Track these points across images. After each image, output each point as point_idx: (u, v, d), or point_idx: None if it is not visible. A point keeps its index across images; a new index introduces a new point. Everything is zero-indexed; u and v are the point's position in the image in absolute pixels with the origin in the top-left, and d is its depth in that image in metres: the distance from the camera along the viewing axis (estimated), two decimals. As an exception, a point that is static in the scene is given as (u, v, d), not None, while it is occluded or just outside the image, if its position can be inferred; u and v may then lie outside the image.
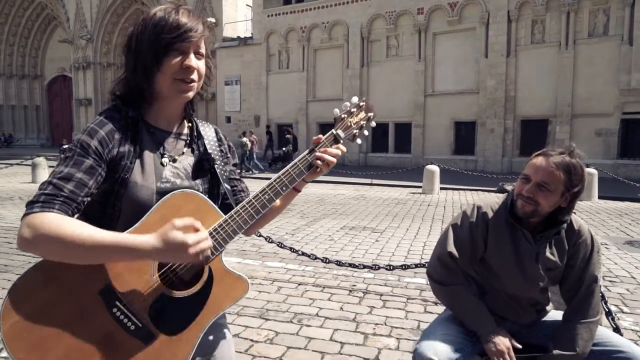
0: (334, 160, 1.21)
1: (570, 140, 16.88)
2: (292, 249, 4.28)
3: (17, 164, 16.86)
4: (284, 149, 19.40)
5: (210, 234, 1.06)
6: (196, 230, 0.98)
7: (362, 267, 3.99)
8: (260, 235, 4.36)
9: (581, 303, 1.71)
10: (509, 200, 1.75)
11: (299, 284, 4.27)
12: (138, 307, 1.03)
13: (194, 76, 1.12)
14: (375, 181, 14.01)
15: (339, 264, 4.05)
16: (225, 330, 1.32)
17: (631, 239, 6.54)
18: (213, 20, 25.11)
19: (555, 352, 1.66)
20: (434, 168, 12.11)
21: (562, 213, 1.71)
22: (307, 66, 22.95)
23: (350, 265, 4.02)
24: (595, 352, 1.68)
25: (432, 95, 20.15)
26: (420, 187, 12.27)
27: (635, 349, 1.65)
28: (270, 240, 4.36)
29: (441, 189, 12.27)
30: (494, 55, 18.37)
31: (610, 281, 4.46)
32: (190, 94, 1.15)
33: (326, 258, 4.15)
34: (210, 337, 1.22)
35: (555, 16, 17.38)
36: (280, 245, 4.30)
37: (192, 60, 1.11)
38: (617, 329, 2.52)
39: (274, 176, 1.16)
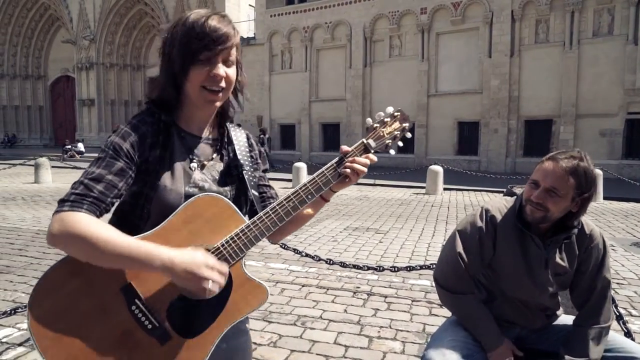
0: (364, 169, 1.19)
1: (575, 141, 16.94)
2: (295, 250, 4.24)
3: (20, 164, 16.89)
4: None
5: (232, 238, 1.07)
6: (221, 272, 1.02)
7: (366, 268, 3.95)
8: (263, 237, 4.32)
9: (594, 308, 1.66)
10: (518, 204, 1.70)
11: (303, 286, 4.23)
12: (156, 307, 1.04)
13: (222, 84, 1.11)
14: (378, 181, 13.95)
15: (343, 265, 4.00)
16: (246, 337, 1.31)
17: (638, 240, 6.47)
18: (216, 20, 25.08)
19: (567, 358, 1.62)
20: (438, 168, 12.05)
21: (573, 218, 1.66)
22: (309, 66, 22.92)
23: (355, 266, 3.97)
24: (608, 358, 1.63)
25: (435, 96, 20.07)
26: (423, 187, 12.21)
27: (649, 355, 1.60)
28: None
29: (445, 189, 12.22)
30: (498, 55, 18.28)
31: (618, 284, 4.41)
32: (218, 103, 1.15)
33: (330, 259, 4.11)
34: (231, 344, 1.21)
35: (560, 16, 17.29)
36: (284, 246, 4.26)
37: (220, 69, 1.10)
38: (628, 333, 2.47)
39: (300, 184, 1.15)
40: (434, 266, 3.84)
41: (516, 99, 18.20)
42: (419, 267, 3.88)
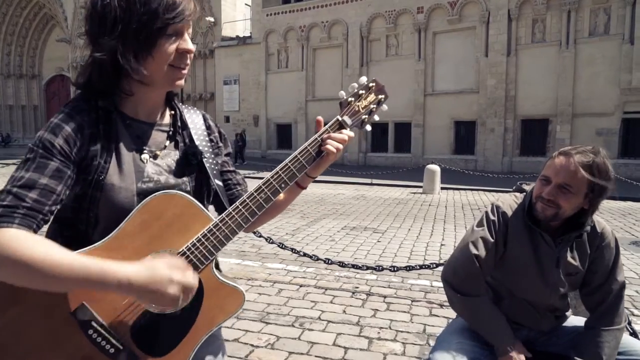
0: (340, 146, 1.06)
1: (571, 140, 16.93)
2: (293, 250, 4.17)
3: (14, 164, 16.73)
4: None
5: (199, 241, 0.94)
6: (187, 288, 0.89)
7: (365, 268, 3.88)
8: (260, 236, 4.25)
9: (608, 310, 1.59)
10: (527, 201, 1.63)
11: (300, 286, 4.16)
12: (117, 328, 0.91)
13: (188, 61, 0.98)
14: (375, 181, 13.90)
15: (342, 265, 3.94)
16: (218, 342, 1.18)
17: (636, 239, 6.44)
18: (212, 19, 25.00)
19: (579, 361, 1.56)
20: (435, 168, 12.01)
21: (585, 215, 1.59)
22: (306, 66, 22.85)
23: (353, 266, 3.90)
24: (620, 362, 1.57)
25: (432, 95, 20.06)
26: (420, 187, 12.17)
27: (662, 358, 1.54)
28: (270, 241, 4.25)
29: (442, 188, 12.18)
30: (494, 55, 18.28)
31: (618, 283, 4.36)
32: (183, 82, 1.00)
33: (328, 259, 4.04)
34: (201, 351, 1.07)
35: (556, 15, 17.31)
36: (281, 246, 4.19)
37: (189, 43, 0.96)
38: (634, 334, 2.41)
39: (271, 172, 1.03)
40: (434, 266, 3.80)
41: (513, 99, 18.21)
42: (418, 267, 3.82)
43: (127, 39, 0.90)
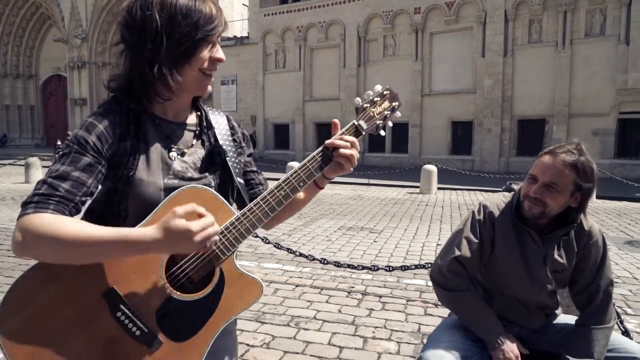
0: (356, 153, 1.11)
1: (568, 140, 16.97)
2: (289, 250, 4.18)
3: (10, 164, 16.70)
4: None
5: (222, 232, 0.99)
6: (200, 216, 0.91)
7: (360, 268, 3.89)
8: (256, 236, 4.26)
9: (598, 308, 1.62)
10: (515, 200, 1.66)
11: (296, 286, 4.18)
12: (144, 311, 0.97)
13: (217, 68, 1.07)
14: (372, 181, 13.93)
15: (338, 265, 3.95)
16: (233, 336, 1.24)
17: (631, 238, 6.49)
18: (209, 19, 24.97)
19: (570, 358, 1.58)
20: (432, 168, 12.04)
21: (572, 214, 1.62)
22: (303, 66, 22.86)
23: (349, 266, 3.91)
24: (609, 358, 1.59)
25: (429, 95, 20.10)
26: (417, 187, 12.20)
27: (651, 356, 1.57)
28: (266, 241, 4.26)
29: (438, 188, 12.21)
30: (491, 55, 18.33)
31: (612, 282, 4.39)
32: (211, 87, 1.09)
33: (324, 259, 4.05)
34: (220, 342, 1.12)
35: (552, 16, 17.37)
36: (277, 246, 4.20)
37: (221, 52, 1.05)
38: (626, 332, 2.44)
39: (291, 171, 1.08)
40: (429, 266, 3.82)
41: (509, 99, 18.26)
42: (413, 267, 3.84)
43: (169, 49, 0.98)
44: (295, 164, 12.86)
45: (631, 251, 5.67)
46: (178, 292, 1.00)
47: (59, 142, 25.00)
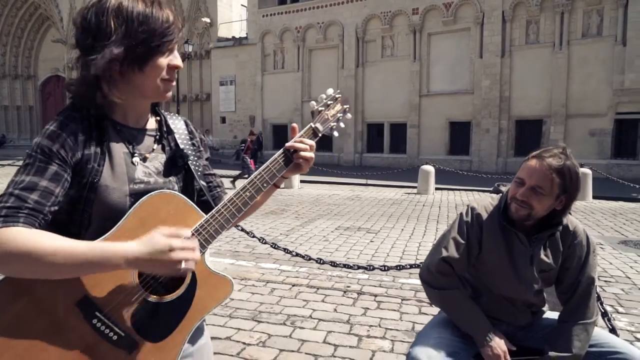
0: (312, 156, 1.17)
1: (565, 140, 17.05)
2: (286, 250, 4.22)
3: (9, 165, 16.71)
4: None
5: (192, 235, 1.00)
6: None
7: (356, 267, 3.93)
8: (253, 236, 4.31)
9: (578, 304, 1.68)
10: (503, 202, 1.71)
11: (293, 285, 4.22)
12: (119, 316, 0.98)
13: (176, 74, 1.08)
14: (370, 181, 13.98)
15: (334, 264, 3.99)
16: (205, 333, 1.27)
17: (625, 238, 6.54)
18: (208, 20, 25.02)
19: (552, 354, 1.63)
20: (429, 168, 12.10)
21: (557, 215, 1.67)
22: (302, 66, 22.91)
23: (345, 266, 3.96)
24: (592, 354, 1.65)
25: (427, 96, 20.16)
26: (415, 187, 12.26)
27: (632, 350, 1.62)
28: (264, 241, 4.30)
29: (436, 189, 12.27)
30: (489, 56, 18.40)
31: (605, 281, 4.45)
32: (171, 93, 1.09)
33: (320, 259, 4.09)
34: (190, 341, 1.15)
35: (550, 16, 17.44)
36: (274, 246, 4.24)
37: (179, 60, 1.06)
38: (613, 330, 2.49)
39: (255, 173, 1.13)
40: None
41: (507, 99, 18.33)
42: (409, 266, 3.88)
43: (119, 56, 0.96)
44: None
45: (625, 251, 5.73)
46: (152, 295, 1.01)
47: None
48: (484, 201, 1.77)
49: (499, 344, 1.61)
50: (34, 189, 0.91)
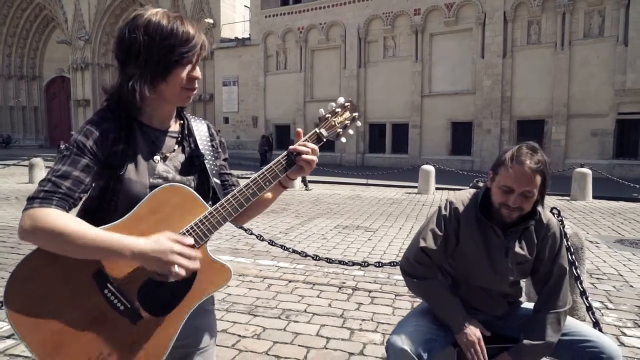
0: (315, 159, 1.26)
1: (566, 140, 17.09)
2: (283, 247, 4.30)
3: (15, 165, 16.90)
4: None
5: (196, 224, 1.15)
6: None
7: (351, 264, 4.01)
8: (251, 234, 4.41)
9: (550, 294, 1.75)
10: (480, 196, 1.79)
11: (289, 281, 4.31)
12: (127, 290, 1.11)
13: (197, 84, 1.22)
14: (371, 181, 14.06)
15: (329, 261, 4.08)
16: (211, 317, 1.39)
17: (622, 237, 6.59)
18: (211, 21, 25.17)
19: (526, 342, 1.71)
20: (430, 168, 12.17)
21: (536, 205, 1.75)
22: (304, 67, 23.03)
23: (340, 262, 4.04)
24: (564, 342, 1.72)
25: (429, 96, 20.23)
26: (416, 187, 12.32)
27: (602, 338, 1.70)
28: (262, 239, 4.40)
29: (437, 189, 12.33)
30: (490, 56, 18.45)
31: (597, 278, 4.51)
32: (191, 99, 1.23)
33: (316, 255, 4.18)
34: (197, 322, 1.29)
35: (551, 17, 17.48)
36: (272, 243, 4.34)
37: (198, 71, 1.19)
38: (596, 324, 2.56)
39: (258, 172, 1.23)
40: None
41: (508, 99, 18.37)
42: (402, 263, 3.97)
43: (147, 68, 1.13)
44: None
45: (620, 249, 5.78)
46: (157, 275, 1.13)
47: (62, 145, 25.26)
48: (462, 195, 1.86)
49: (473, 331, 1.69)
50: (68, 177, 1.08)
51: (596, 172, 11.80)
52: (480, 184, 1.90)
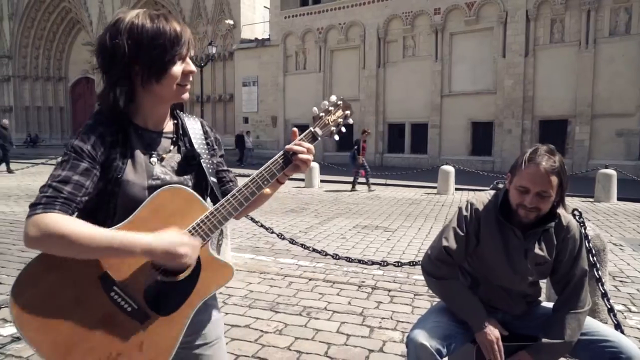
0: (310, 158, 1.28)
1: (590, 141, 16.73)
2: (303, 246, 4.40)
3: (42, 164, 17.40)
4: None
5: (198, 225, 1.16)
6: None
7: (370, 263, 4.08)
8: (272, 232, 4.50)
9: (571, 295, 1.78)
10: (500, 197, 1.83)
11: (310, 280, 4.39)
12: (133, 291, 1.13)
13: (191, 78, 1.23)
14: (389, 181, 14.04)
15: (349, 260, 4.15)
16: (214, 311, 1.42)
17: (647, 240, 6.47)
18: (231, 22, 25.47)
19: (544, 340, 1.75)
20: (449, 168, 12.10)
21: (555, 207, 1.78)
22: (323, 67, 23.09)
23: (360, 261, 4.11)
24: (583, 341, 1.75)
25: (449, 96, 20.06)
26: (435, 187, 12.27)
27: (622, 339, 1.72)
28: (282, 238, 4.49)
29: (457, 189, 12.25)
30: (512, 55, 18.19)
31: (620, 281, 4.46)
32: (187, 95, 1.25)
33: (336, 254, 4.26)
34: (200, 317, 1.32)
35: (575, 15, 17.13)
36: (293, 242, 4.43)
37: (192, 65, 1.20)
38: (617, 326, 2.57)
39: (256, 171, 1.26)
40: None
41: (530, 99, 18.08)
42: (421, 263, 4.00)
43: (137, 71, 1.13)
44: (314, 164, 13.09)
45: (645, 252, 5.68)
46: (162, 275, 1.18)
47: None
48: (482, 197, 1.90)
49: (492, 330, 1.73)
50: (68, 181, 1.08)
51: (621, 173, 11.54)
52: (500, 186, 1.93)
